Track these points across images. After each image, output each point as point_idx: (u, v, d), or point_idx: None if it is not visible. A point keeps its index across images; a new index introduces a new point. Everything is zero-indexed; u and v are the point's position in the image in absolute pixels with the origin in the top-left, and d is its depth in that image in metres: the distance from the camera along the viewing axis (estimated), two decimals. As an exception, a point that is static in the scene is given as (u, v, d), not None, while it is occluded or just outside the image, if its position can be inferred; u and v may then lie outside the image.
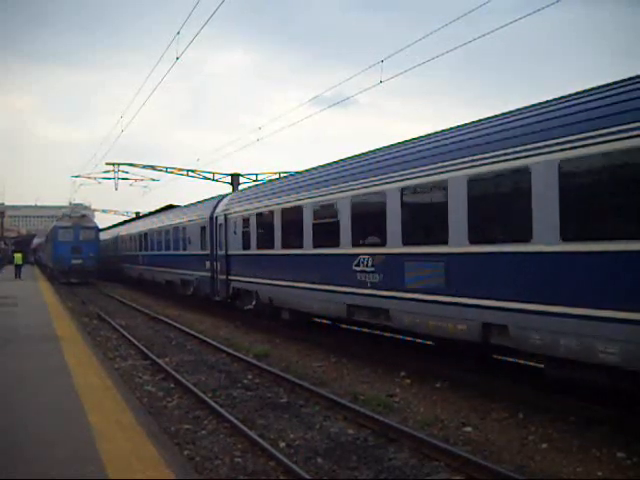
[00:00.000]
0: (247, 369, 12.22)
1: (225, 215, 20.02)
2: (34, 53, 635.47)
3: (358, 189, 12.17)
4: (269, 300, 16.40)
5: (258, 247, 17.23)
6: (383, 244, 11.26)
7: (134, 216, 57.70)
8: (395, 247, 10.93)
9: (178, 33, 16.72)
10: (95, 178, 43.14)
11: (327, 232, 13.31)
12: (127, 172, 41.70)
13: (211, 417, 8.79)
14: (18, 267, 40.90)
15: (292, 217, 14.93)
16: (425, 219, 10.65)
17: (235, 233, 19.02)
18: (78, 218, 41.91)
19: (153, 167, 38.16)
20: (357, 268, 11.98)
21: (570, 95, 8.42)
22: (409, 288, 10.51)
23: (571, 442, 7.46)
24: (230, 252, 19.53)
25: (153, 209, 41.70)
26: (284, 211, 15.46)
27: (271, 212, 16.22)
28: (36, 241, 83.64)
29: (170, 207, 35.75)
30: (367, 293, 11.71)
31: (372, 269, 11.56)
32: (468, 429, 8.12)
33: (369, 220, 12.13)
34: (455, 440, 7.66)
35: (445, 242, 9.66)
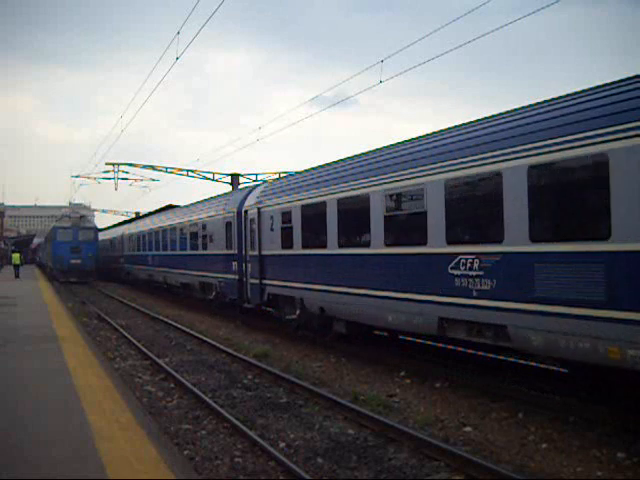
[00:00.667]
0: (247, 369, 12.22)
1: (258, 209, 16.99)
2: (34, 53, 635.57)
3: (458, 170, 9.58)
4: (319, 309, 13.78)
5: (304, 246, 14.46)
6: (498, 241, 8.79)
7: (134, 216, 57.78)
8: (518, 244, 8.45)
9: (178, 33, 16.74)
10: (95, 178, 43.76)
11: (407, 226, 11.04)
12: (127, 172, 41.99)
13: (211, 417, 8.79)
14: (16, 267, 41.77)
15: (353, 209, 12.44)
16: (568, 206, 7.93)
17: (272, 230, 16.08)
18: (77, 219, 43.22)
19: (153, 167, 38.22)
20: (455, 272, 9.51)
21: None
22: (542, 299, 8.03)
23: (571, 442, 7.46)
24: (265, 252, 16.62)
25: (153, 209, 41.78)
26: (341, 202, 12.81)
27: (323, 203, 13.46)
28: (36, 241, 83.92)
29: (170, 207, 35.73)
30: (472, 304, 9.19)
31: (479, 273, 9.07)
32: (468, 429, 8.12)
33: (474, 210, 9.56)
34: (455, 440, 7.66)
35: (604, 237, 7.25)
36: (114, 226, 53.80)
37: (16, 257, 43.09)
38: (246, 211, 18.12)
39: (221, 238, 20.42)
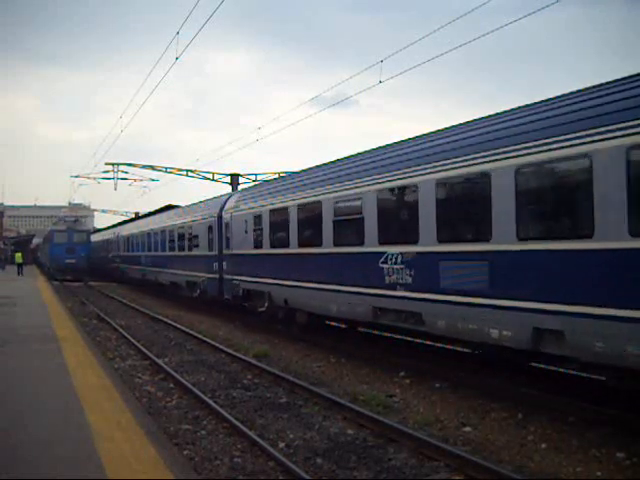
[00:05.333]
0: (246, 369, 12.21)
1: None
2: (34, 53, 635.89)
3: None
4: None
5: None
6: None
7: (133, 216, 57.82)
8: None
9: (178, 33, 16.76)
10: (95, 178, 44.35)
11: None
12: (126, 172, 42.12)
13: (210, 417, 8.78)
14: (19, 266, 46.44)
15: None
16: None
17: None
18: (72, 222, 47.90)
19: (152, 167, 38.24)
20: None
21: None
22: None
23: (571, 442, 7.45)
24: None
25: (152, 209, 41.72)
26: None
27: None
28: (35, 241, 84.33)
29: (170, 207, 35.52)
30: None
31: None
32: (467, 429, 8.12)
33: None
34: (454, 440, 7.66)
35: None
36: (125, 222, 52.50)
37: (19, 256, 47.89)
38: None
39: None
